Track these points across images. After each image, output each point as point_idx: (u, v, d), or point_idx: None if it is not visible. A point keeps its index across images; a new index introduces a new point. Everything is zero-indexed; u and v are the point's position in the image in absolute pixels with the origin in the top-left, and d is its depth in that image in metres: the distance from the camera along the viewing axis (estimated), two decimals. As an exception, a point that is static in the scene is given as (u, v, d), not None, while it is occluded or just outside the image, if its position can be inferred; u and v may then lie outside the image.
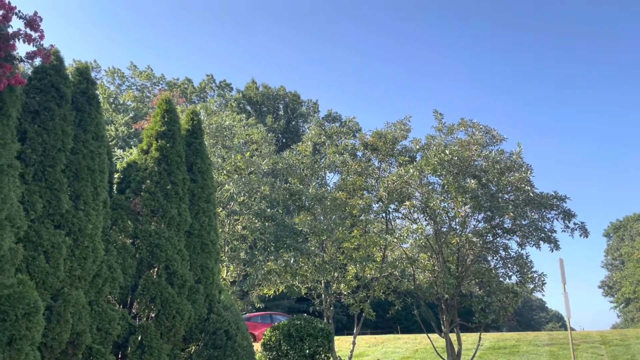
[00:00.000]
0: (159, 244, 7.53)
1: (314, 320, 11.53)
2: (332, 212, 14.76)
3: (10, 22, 5.47)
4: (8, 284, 5.15)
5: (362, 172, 14.98)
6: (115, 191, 7.90)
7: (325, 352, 11.18)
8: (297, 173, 16.10)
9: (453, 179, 13.29)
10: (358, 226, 15.09)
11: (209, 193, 8.78)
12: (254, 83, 54.54)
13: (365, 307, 13.87)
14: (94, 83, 7.25)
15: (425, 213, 14.21)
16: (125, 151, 15.91)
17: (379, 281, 14.82)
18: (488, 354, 18.91)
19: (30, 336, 5.10)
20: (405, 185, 13.64)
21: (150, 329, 7.09)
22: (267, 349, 11.31)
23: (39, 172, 6.04)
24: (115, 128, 35.39)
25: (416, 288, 14.73)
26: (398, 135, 14.86)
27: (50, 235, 5.89)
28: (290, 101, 55.45)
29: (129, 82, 49.78)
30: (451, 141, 14.28)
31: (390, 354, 19.86)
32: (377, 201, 14.91)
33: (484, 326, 14.11)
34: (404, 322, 41.84)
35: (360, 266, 14.41)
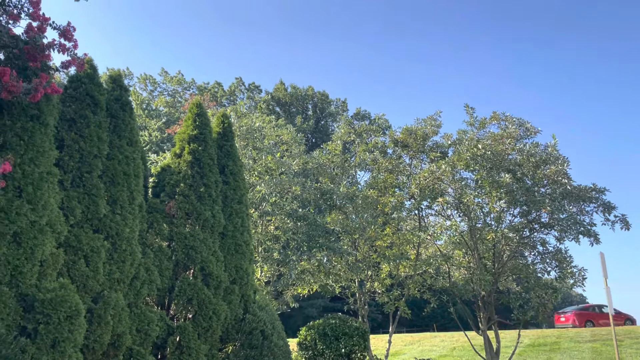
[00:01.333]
0: (194, 245, 7.64)
1: (349, 319, 11.51)
2: (363, 210, 14.70)
3: (45, 33, 5.63)
4: (50, 287, 5.31)
5: (393, 169, 14.87)
6: (150, 195, 8.05)
7: (361, 350, 11.14)
8: (327, 172, 16.11)
9: (487, 173, 13.05)
10: (390, 224, 14.99)
11: (241, 194, 8.86)
12: (282, 84, 54.81)
13: (400, 305, 13.76)
14: (127, 90, 7.40)
15: (459, 209, 13.99)
16: (159, 155, 16.21)
17: (414, 279, 14.68)
18: (528, 351, 18.51)
19: (72, 338, 5.24)
20: (438, 182, 13.46)
21: (188, 329, 7.19)
22: (303, 349, 11.35)
23: (77, 178, 6.21)
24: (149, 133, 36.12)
25: (451, 285, 14.53)
26: (428, 131, 14.68)
27: (89, 239, 6.04)
28: (319, 101, 55.51)
29: (160, 88, 50.74)
30: (483, 135, 14.03)
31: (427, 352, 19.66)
32: (409, 198, 14.78)
33: (522, 323, 13.81)
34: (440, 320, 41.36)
35: (393, 264, 14.31)
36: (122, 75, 7.74)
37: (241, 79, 54.69)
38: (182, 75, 50.96)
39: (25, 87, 4.99)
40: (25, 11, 5.55)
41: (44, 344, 5.04)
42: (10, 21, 5.54)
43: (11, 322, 4.94)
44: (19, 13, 5.54)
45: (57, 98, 6.03)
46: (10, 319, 4.94)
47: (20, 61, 5.56)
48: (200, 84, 51.91)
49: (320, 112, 55.52)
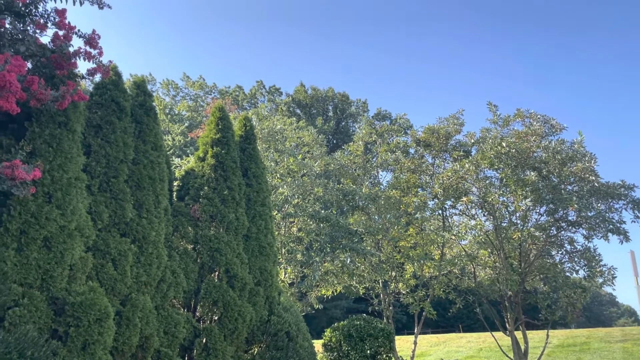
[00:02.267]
0: (218, 248, 7.70)
1: (373, 320, 11.45)
2: (386, 211, 14.63)
3: (70, 42, 5.75)
4: (80, 291, 5.41)
5: (415, 169, 14.77)
6: (175, 198, 8.15)
7: (386, 352, 11.08)
8: (349, 173, 16.09)
9: (511, 172, 12.88)
10: (414, 224, 14.90)
11: (264, 197, 8.90)
12: (302, 86, 54.94)
13: (425, 306, 13.66)
14: (151, 95, 7.50)
15: (484, 208, 13.83)
16: (183, 159, 16.40)
17: (438, 279, 14.56)
18: (557, 351, 18.18)
19: (102, 341, 5.33)
20: (461, 181, 13.33)
21: (214, 331, 7.25)
22: (328, 350, 11.34)
23: (104, 183, 6.32)
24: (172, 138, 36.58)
25: (477, 285, 14.36)
26: (451, 129, 14.55)
27: (117, 243, 6.14)
28: (339, 102, 55.46)
29: (183, 92, 51.33)
30: (507, 133, 13.85)
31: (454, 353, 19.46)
32: (432, 198, 14.66)
33: (551, 323, 13.58)
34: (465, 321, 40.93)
35: (418, 265, 14.21)
36: (146, 81, 7.85)
37: (262, 82, 54.99)
38: (203, 79, 51.49)
39: (53, 95, 5.10)
40: (51, 20, 5.68)
41: (74, 346, 5.14)
42: (37, 30, 5.67)
43: (43, 325, 5.05)
44: (46, 22, 5.67)
45: (83, 105, 6.15)
46: (42, 322, 5.05)
47: (48, 69, 5.69)
48: (222, 88, 52.37)
49: (341, 113, 55.47)
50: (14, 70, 4.49)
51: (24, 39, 5.39)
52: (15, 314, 4.82)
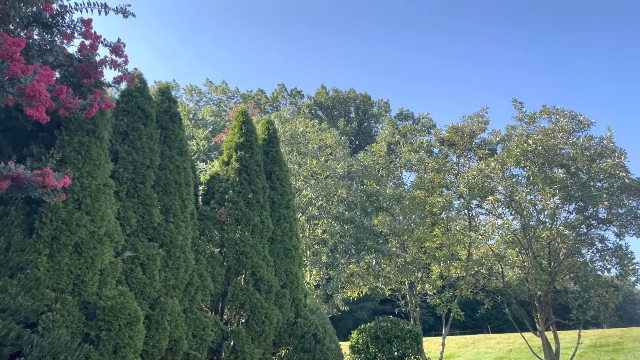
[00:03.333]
0: (244, 251, 7.75)
1: (400, 322, 11.37)
2: (411, 211, 14.53)
3: (97, 51, 5.86)
4: (110, 295, 5.50)
5: (439, 168, 14.65)
6: (200, 203, 8.23)
7: (414, 354, 10.99)
8: (372, 174, 16.04)
9: (538, 169, 12.67)
10: (439, 224, 14.76)
11: (288, 199, 8.93)
12: (323, 88, 55.02)
13: (453, 307, 13.51)
14: (175, 101, 7.60)
15: (511, 207, 13.63)
16: (207, 164, 16.58)
17: (466, 280, 14.39)
18: (589, 352, 17.78)
19: (132, 344, 5.41)
20: (487, 180, 13.16)
21: (242, 334, 7.29)
22: (355, 352, 11.30)
23: (131, 189, 6.42)
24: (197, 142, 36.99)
25: (506, 286, 14.15)
26: (475, 128, 14.38)
27: (145, 248, 6.23)
28: (361, 103, 55.37)
29: (206, 97, 51.93)
30: (534, 130, 13.62)
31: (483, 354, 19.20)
32: (457, 198, 14.52)
33: (582, 323, 13.29)
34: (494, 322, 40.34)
35: (444, 265, 14.07)
36: (170, 88, 7.95)
37: (283, 85, 55.27)
38: (226, 84, 51.99)
39: (81, 104, 5.20)
40: (78, 30, 5.79)
41: (106, 350, 5.23)
42: (64, 41, 5.80)
43: (75, 329, 5.15)
44: (72, 32, 5.79)
45: (110, 112, 6.26)
46: (74, 327, 5.14)
47: (75, 79, 5.81)
48: (244, 92, 52.81)
49: (363, 114, 55.37)
50: (43, 80, 4.59)
51: (52, 49, 5.52)
52: (48, 319, 4.92)
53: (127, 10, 5.76)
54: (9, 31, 5.34)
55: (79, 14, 5.68)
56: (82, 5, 5.56)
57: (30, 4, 5.25)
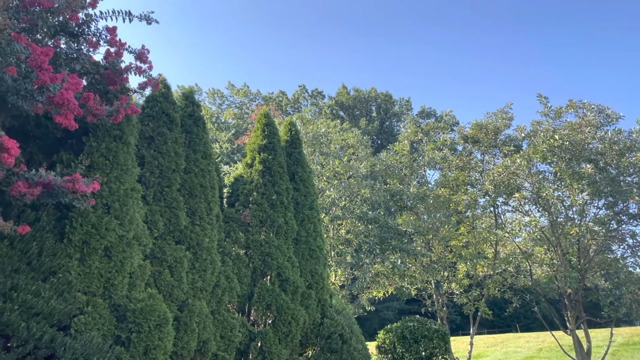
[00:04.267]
0: (269, 252, 7.80)
1: (427, 322, 11.29)
2: (435, 210, 14.42)
3: (122, 58, 5.96)
4: (140, 298, 5.60)
5: (464, 166, 14.49)
6: (225, 205, 8.31)
7: (442, 353, 10.89)
8: (395, 173, 15.96)
9: (566, 165, 12.44)
10: (465, 223, 14.61)
11: (312, 200, 8.95)
12: (344, 88, 54.98)
13: (481, 305, 13.34)
14: (199, 105, 7.69)
15: (538, 204, 13.41)
16: (231, 167, 16.72)
17: (493, 278, 14.21)
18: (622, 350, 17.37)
19: (162, 346, 5.49)
20: (513, 176, 12.97)
21: (269, 335, 7.34)
22: (381, 352, 11.25)
23: (158, 192, 6.52)
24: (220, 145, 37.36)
25: (534, 284, 13.94)
26: (500, 124, 14.19)
27: (172, 250, 6.32)
28: (382, 102, 55.15)
29: (228, 100, 52.39)
30: (560, 125, 13.39)
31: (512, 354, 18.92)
32: (483, 195, 14.34)
33: (614, 321, 13.00)
34: (523, 320, 39.71)
35: (470, 264, 13.91)
36: (193, 92, 8.05)
37: (304, 86, 55.41)
38: (247, 87, 52.37)
39: (108, 110, 5.30)
40: (103, 38, 5.91)
41: (137, 351, 5.32)
42: (90, 49, 5.92)
43: (106, 331, 5.25)
44: (98, 40, 5.90)
45: (136, 118, 6.36)
46: (105, 329, 5.25)
47: (102, 85, 5.92)
48: (266, 94, 53.09)
49: (384, 113, 55.14)
50: (71, 88, 4.69)
51: (79, 57, 5.64)
52: (80, 322, 5.03)
53: (150, 17, 5.85)
54: (37, 41, 5.48)
55: (103, 22, 5.80)
56: (107, 13, 5.67)
57: (57, 14, 5.37)
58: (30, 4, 5.01)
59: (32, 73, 4.61)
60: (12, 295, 4.70)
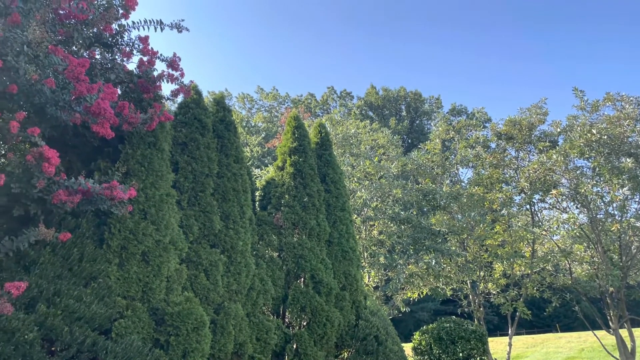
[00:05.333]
0: (302, 254, 7.82)
1: (464, 322, 11.11)
2: (469, 209, 14.19)
3: (154, 66, 6.09)
4: (177, 301, 5.69)
5: (498, 163, 14.24)
6: (258, 208, 8.38)
7: (480, 354, 10.71)
8: (427, 172, 15.79)
9: (604, 160, 12.08)
10: (500, 221, 14.35)
11: (344, 202, 8.93)
12: (373, 88, 54.77)
13: (519, 305, 13.07)
14: (230, 110, 7.78)
15: (576, 200, 13.06)
16: (262, 170, 16.85)
17: (531, 278, 13.90)
18: (670, 351, 16.68)
19: (200, 348, 5.56)
20: (549, 173, 12.67)
21: (304, 337, 7.35)
22: (418, 353, 11.14)
23: (192, 197, 6.62)
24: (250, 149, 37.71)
25: (574, 282, 13.57)
26: (534, 120, 13.88)
27: (207, 254, 6.40)
28: (412, 100, 54.70)
29: (257, 104, 52.85)
30: (597, 119, 13.01)
31: (553, 354, 18.46)
32: (518, 193, 14.05)
33: (661, 320, 12.53)
34: (563, 320, 38.69)
35: (507, 263, 13.64)
36: (224, 97, 8.15)
37: (333, 88, 55.43)
38: (276, 90, 52.72)
39: (142, 118, 5.42)
40: (136, 48, 6.05)
41: (175, 354, 5.40)
42: (124, 59, 6.07)
43: (146, 335, 5.35)
44: (131, 50, 6.05)
45: (169, 125, 6.48)
46: (145, 332, 5.35)
47: (136, 94, 6.06)
48: (294, 97, 53.35)
49: (414, 111, 54.68)
50: (107, 97, 4.82)
51: (113, 67, 5.78)
52: (120, 325, 5.14)
53: (181, 25, 5.95)
54: (73, 52, 5.64)
55: (136, 32, 5.93)
56: (139, 23, 5.80)
57: (91, 25, 5.52)
58: (65, 17, 5.16)
59: (69, 84, 4.75)
60: (56, 301, 4.85)
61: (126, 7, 5.68)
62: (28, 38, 4.28)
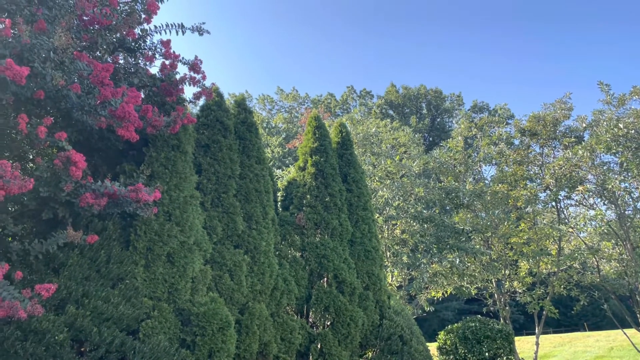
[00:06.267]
0: (325, 254, 7.82)
1: (489, 321, 10.97)
2: (493, 207, 14.02)
3: (176, 69, 6.16)
4: (202, 302, 5.74)
5: (522, 160, 14.03)
6: (280, 208, 8.41)
7: (506, 354, 10.56)
8: (450, 170, 15.64)
9: (632, 154, 11.80)
10: (525, 219, 14.13)
11: (365, 201, 8.90)
12: (393, 87, 54.46)
13: (545, 304, 12.86)
14: (251, 112, 7.82)
15: (603, 197, 12.80)
16: (283, 170, 16.90)
17: (558, 276, 13.65)
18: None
19: (226, 348, 5.61)
20: (575, 169, 12.43)
21: (328, 336, 7.35)
22: (443, 353, 11.03)
23: (215, 199, 6.68)
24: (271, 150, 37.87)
25: (602, 280, 13.29)
26: (559, 115, 13.64)
27: (231, 255, 6.45)
28: (432, 98, 54.24)
29: (278, 105, 53.03)
30: (624, 113, 12.71)
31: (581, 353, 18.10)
32: (543, 190, 13.83)
33: (694, 318, 12.20)
34: (590, 318, 37.94)
35: (533, 261, 13.43)
36: (245, 99, 8.19)
37: (352, 87, 55.28)
38: (296, 91, 52.81)
39: (165, 121, 5.48)
40: (158, 52, 6.13)
41: (201, 354, 5.46)
42: (146, 62, 6.15)
43: (172, 335, 5.42)
44: (153, 54, 6.13)
45: (192, 127, 6.54)
46: (171, 332, 5.41)
47: (159, 97, 6.14)
48: (314, 97, 53.36)
49: (435, 109, 54.22)
50: (131, 101, 4.88)
51: (137, 71, 5.87)
52: (148, 326, 5.21)
53: (202, 28, 6.01)
54: (97, 58, 5.74)
55: (158, 36, 6.02)
56: (161, 27, 5.87)
57: (114, 30, 5.61)
58: (89, 23, 5.26)
59: (94, 89, 4.83)
60: (84, 302, 4.94)
61: (148, 12, 5.76)
62: (54, 44, 4.36)
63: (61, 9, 4.75)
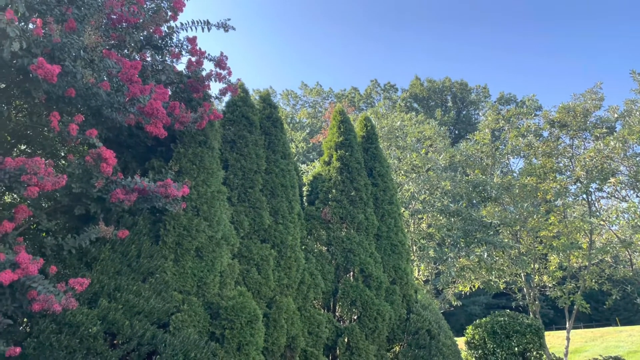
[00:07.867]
0: (351, 248, 7.81)
1: (519, 316, 10.81)
2: (522, 200, 13.78)
3: (202, 66, 6.22)
4: (231, 295, 5.81)
5: (551, 152, 13.75)
6: (305, 203, 8.43)
7: (536, 349, 10.40)
8: (477, 163, 15.43)
9: (667, 145, 11.44)
10: (554, 212, 13.86)
11: (391, 195, 8.85)
12: (417, 80, 53.93)
13: (576, 298, 12.61)
14: (276, 107, 7.85)
15: (636, 188, 12.47)
16: (308, 165, 16.93)
17: (589, 270, 13.36)
18: None
19: (254, 342, 5.66)
20: (607, 160, 12.14)
21: (355, 330, 7.35)
22: (471, 348, 10.93)
23: (242, 194, 6.73)
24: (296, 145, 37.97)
25: (635, 274, 12.98)
26: (589, 106, 13.31)
27: (258, 249, 6.50)
28: (458, 91, 53.54)
29: (302, 100, 53.10)
30: (658, 102, 12.33)
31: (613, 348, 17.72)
32: (573, 182, 13.54)
33: None
34: (623, 313, 37.07)
35: (563, 255, 13.18)
36: (270, 95, 8.23)
37: (376, 81, 54.95)
38: (320, 86, 52.78)
39: (192, 117, 5.54)
40: (184, 48, 6.19)
41: (230, 347, 5.52)
42: (173, 60, 6.23)
43: (201, 328, 5.49)
44: (180, 51, 6.20)
45: (218, 123, 6.60)
46: (201, 326, 5.49)
47: (185, 94, 6.21)
48: (338, 92, 53.25)
49: (461, 102, 53.52)
50: (159, 98, 4.95)
51: (164, 68, 5.94)
52: (177, 319, 5.29)
53: (227, 24, 6.04)
54: (125, 55, 5.83)
55: (184, 33, 6.07)
56: (187, 24, 5.93)
57: (142, 28, 5.69)
58: (117, 21, 5.34)
59: (123, 86, 4.91)
60: (116, 295, 5.04)
61: (174, 9, 5.82)
62: (84, 43, 4.44)
63: (90, 7, 4.83)
